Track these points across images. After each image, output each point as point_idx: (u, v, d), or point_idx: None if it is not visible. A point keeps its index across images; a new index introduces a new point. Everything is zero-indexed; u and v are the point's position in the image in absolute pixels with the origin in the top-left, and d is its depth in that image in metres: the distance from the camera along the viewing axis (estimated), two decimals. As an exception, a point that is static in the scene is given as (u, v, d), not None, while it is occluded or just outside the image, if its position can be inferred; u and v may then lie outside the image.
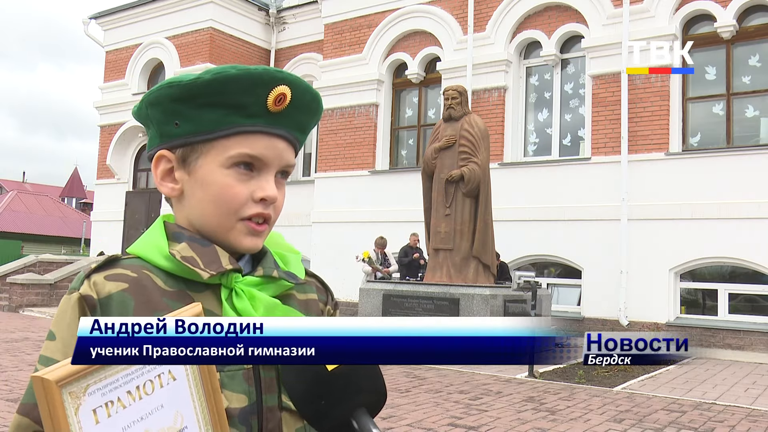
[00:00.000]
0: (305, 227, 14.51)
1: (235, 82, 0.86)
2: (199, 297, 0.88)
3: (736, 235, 9.89)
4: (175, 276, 0.89)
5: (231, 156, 0.88)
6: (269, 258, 0.96)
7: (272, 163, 0.91)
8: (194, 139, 0.89)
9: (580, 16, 11.66)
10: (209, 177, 0.89)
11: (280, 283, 0.94)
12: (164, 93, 0.89)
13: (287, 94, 0.88)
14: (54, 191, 44.59)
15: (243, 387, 0.86)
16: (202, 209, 0.91)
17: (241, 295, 0.89)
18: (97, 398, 0.66)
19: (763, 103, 10.56)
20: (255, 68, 0.87)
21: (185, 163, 0.91)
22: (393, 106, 14.08)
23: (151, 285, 0.87)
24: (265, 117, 0.88)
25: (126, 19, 17.39)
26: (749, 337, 9.71)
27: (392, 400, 5.89)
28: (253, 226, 0.90)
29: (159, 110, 0.90)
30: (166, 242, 0.91)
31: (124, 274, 0.87)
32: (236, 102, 0.87)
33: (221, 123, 0.88)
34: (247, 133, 0.88)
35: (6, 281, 14.64)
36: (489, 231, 9.57)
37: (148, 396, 0.71)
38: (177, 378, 0.73)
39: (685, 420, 5.52)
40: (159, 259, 0.89)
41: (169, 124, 0.90)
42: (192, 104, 0.87)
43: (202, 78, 0.86)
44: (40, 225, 34.55)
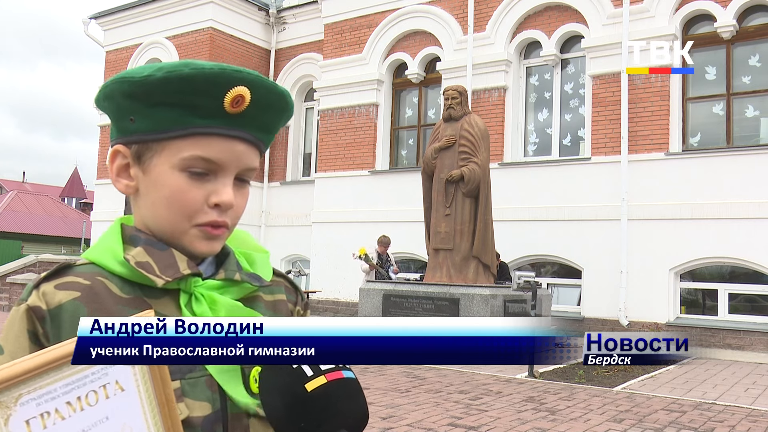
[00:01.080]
0: (305, 227, 14.52)
1: (187, 82, 0.81)
2: (156, 303, 0.85)
3: (736, 235, 9.89)
4: (131, 282, 0.85)
5: (184, 158, 0.84)
6: (232, 260, 0.92)
7: (229, 166, 0.86)
8: (149, 137, 0.85)
9: (580, 16, 11.66)
10: (162, 178, 0.85)
11: (244, 286, 0.90)
12: (117, 88, 0.84)
13: (245, 96, 0.83)
14: (54, 191, 44.60)
15: (206, 394, 0.83)
16: (155, 211, 0.87)
17: (201, 300, 0.86)
18: (30, 408, 0.63)
19: (763, 103, 10.56)
20: (210, 67, 0.81)
21: (140, 160, 0.87)
22: (393, 106, 14.08)
23: (105, 292, 0.83)
24: (222, 118, 0.83)
25: (126, 19, 17.39)
26: (749, 337, 9.71)
27: (392, 400, 5.89)
28: (208, 230, 0.86)
29: (113, 104, 0.86)
30: (121, 246, 0.87)
31: (76, 282, 0.83)
32: (190, 102, 0.82)
33: (176, 123, 0.83)
34: (202, 135, 0.83)
35: (6, 281, 14.64)
36: (489, 231, 9.58)
37: (90, 407, 0.67)
38: (125, 389, 0.69)
39: (685, 420, 5.52)
40: (114, 264, 0.85)
41: (124, 119, 0.86)
42: (145, 102, 0.83)
43: (154, 76, 0.81)
44: (40, 225, 34.56)
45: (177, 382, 0.81)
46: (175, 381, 0.80)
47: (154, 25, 16.76)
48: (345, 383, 0.76)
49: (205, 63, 0.82)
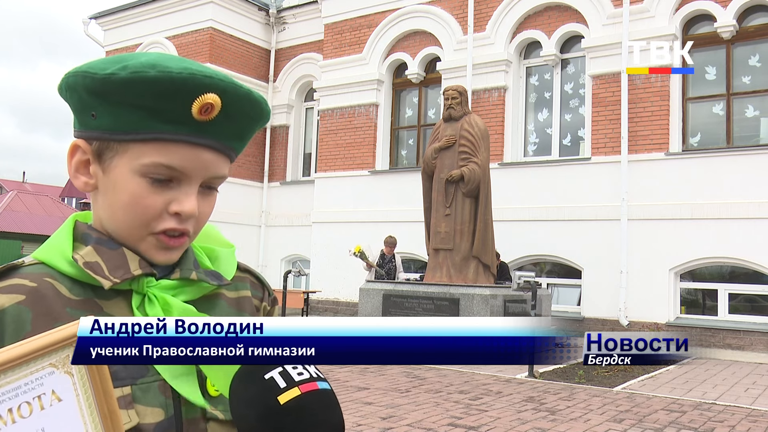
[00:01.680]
0: (305, 227, 14.52)
1: (153, 85, 0.75)
2: (108, 305, 0.81)
3: (736, 235, 9.89)
4: (82, 283, 0.81)
5: (145, 164, 0.79)
6: (189, 258, 0.87)
7: (194, 175, 0.81)
8: (110, 136, 0.80)
9: (580, 16, 11.66)
10: (121, 181, 0.80)
11: (201, 286, 0.87)
12: (79, 81, 0.79)
13: (215, 104, 0.77)
14: (54, 191, 44.60)
15: (159, 400, 0.80)
16: (112, 213, 0.83)
17: (154, 302, 0.82)
18: None
19: (763, 103, 10.56)
20: (179, 71, 0.75)
21: (101, 158, 0.82)
22: (393, 106, 14.08)
23: (52, 294, 0.79)
24: (188, 125, 0.78)
25: (126, 19, 17.39)
26: (749, 337, 9.71)
27: (392, 400, 5.89)
28: (165, 240, 0.82)
29: (76, 97, 0.81)
30: (71, 245, 0.83)
31: (20, 285, 0.79)
32: (155, 106, 0.76)
33: (139, 125, 0.78)
34: (166, 141, 0.78)
35: (6, 281, 14.62)
36: (489, 231, 9.58)
37: (23, 419, 0.63)
38: (63, 399, 0.65)
39: (685, 420, 5.51)
40: (62, 264, 0.81)
41: (85, 113, 0.81)
42: (107, 100, 0.78)
43: (117, 75, 0.76)
44: (40, 225, 34.55)
45: (128, 387, 0.78)
46: (126, 386, 0.78)
47: (154, 25, 16.76)
48: (320, 395, 0.73)
49: (174, 65, 0.76)
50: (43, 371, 0.64)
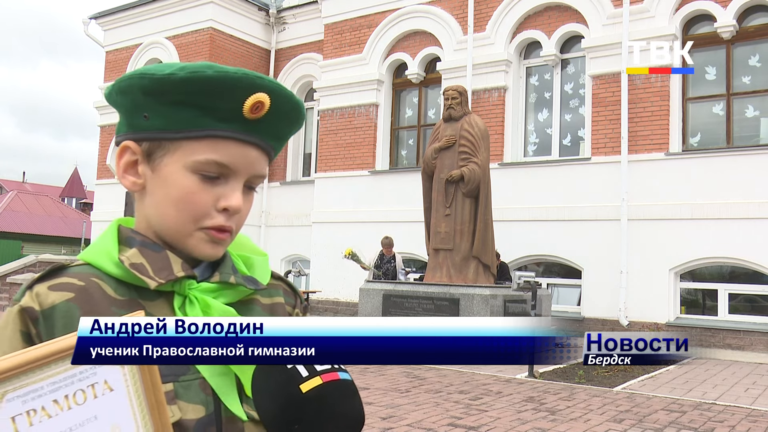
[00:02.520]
0: (305, 227, 14.52)
1: (210, 84, 0.81)
2: (151, 305, 0.84)
3: (736, 235, 9.89)
4: (126, 283, 0.85)
5: (198, 160, 0.83)
6: (227, 262, 0.91)
7: (241, 171, 0.86)
8: (162, 135, 0.84)
9: (580, 16, 11.66)
10: (172, 178, 0.84)
11: (239, 290, 0.90)
12: (135, 83, 0.83)
13: (265, 102, 0.83)
14: (54, 191, 44.60)
15: (200, 397, 0.82)
16: (161, 210, 0.86)
17: (194, 303, 0.85)
18: (16, 406, 0.63)
19: (763, 103, 10.56)
20: (234, 72, 0.81)
21: (150, 158, 0.86)
22: (393, 106, 14.08)
23: (99, 294, 0.83)
24: (239, 123, 0.83)
25: (126, 19, 17.39)
26: (749, 337, 9.71)
27: (392, 400, 5.89)
28: (213, 234, 0.86)
29: (128, 99, 0.85)
30: (117, 247, 0.87)
31: (69, 283, 0.82)
32: (210, 105, 0.82)
33: (192, 123, 0.83)
34: (218, 138, 0.83)
35: (6, 281, 14.63)
36: (489, 231, 9.58)
37: (78, 406, 0.66)
38: (114, 389, 0.69)
39: (685, 420, 5.51)
40: (108, 265, 0.85)
41: (137, 115, 0.85)
42: (162, 100, 0.82)
43: (176, 75, 0.81)
44: (40, 225, 34.56)
45: (170, 384, 0.80)
46: (168, 383, 0.80)
47: (154, 25, 16.76)
48: (341, 384, 0.75)
49: (229, 67, 0.82)
50: None
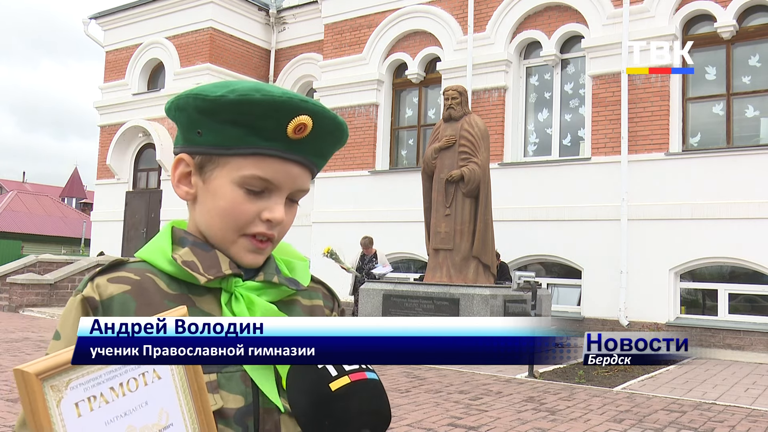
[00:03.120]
0: (305, 227, 14.52)
1: (257, 106, 0.87)
2: (200, 300, 0.91)
3: (736, 235, 9.89)
4: (178, 280, 0.91)
5: (244, 175, 0.90)
6: (271, 264, 0.98)
7: (284, 186, 0.93)
8: (213, 150, 0.91)
9: (580, 16, 11.66)
10: (221, 190, 0.91)
11: (281, 289, 0.96)
12: (190, 102, 0.90)
13: (308, 125, 0.89)
14: (54, 191, 44.58)
15: (240, 388, 0.88)
16: (209, 218, 0.93)
17: (240, 300, 0.91)
18: (79, 392, 0.69)
19: (763, 103, 10.56)
20: (279, 95, 0.87)
21: (202, 170, 0.93)
22: (393, 106, 14.08)
23: (153, 288, 0.90)
24: (283, 142, 0.90)
25: (126, 19, 17.39)
26: (749, 337, 9.71)
27: (392, 400, 5.87)
28: (255, 243, 0.93)
29: (184, 116, 0.92)
30: (170, 246, 0.94)
31: (127, 277, 0.90)
32: (256, 125, 0.88)
33: (240, 141, 0.89)
34: (263, 156, 0.90)
35: (6, 281, 14.64)
36: (489, 231, 9.57)
37: (131, 393, 0.72)
38: (162, 377, 0.75)
39: (685, 420, 5.51)
40: (162, 262, 0.92)
41: (192, 131, 0.92)
42: (214, 119, 0.89)
43: (227, 97, 0.87)
44: (40, 225, 34.55)
45: (213, 375, 0.86)
46: (212, 374, 0.86)
47: (154, 25, 16.76)
48: (368, 384, 0.80)
49: (275, 90, 0.88)
50: None
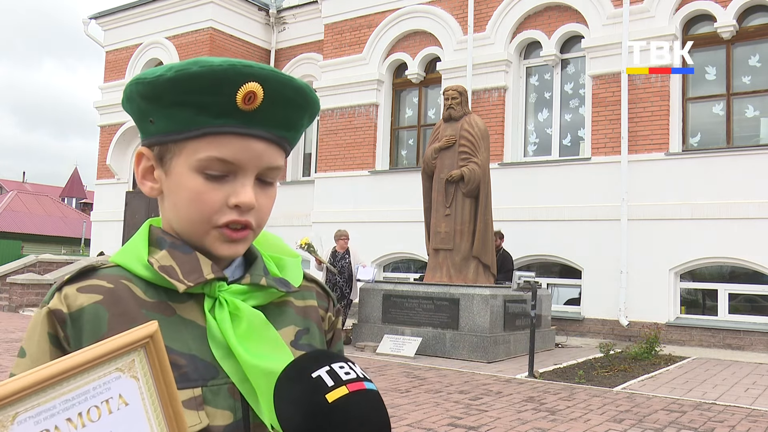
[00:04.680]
0: (305, 227, 14.51)
1: (197, 80, 0.79)
2: (181, 308, 0.84)
3: (736, 235, 9.89)
4: (156, 285, 0.84)
5: (200, 159, 0.82)
6: (259, 264, 0.90)
7: (248, 166, 0.83)
8: (168, 138, 0.84)
9: (580, 16, 11.66)
10: (181, 180, 0.84)
11: (270, 292, 0.89)
12: (134, 90, 0.83)
13: (257, 92, 0.80)
14: (54, 191, 44.59)
15: (228, 402, 0.81)
16: (176, 213, 0.86)
17: (224, 306, 0.84)
18: (28, 426, 0.60)
19: (763, 103, 10.56)
20: (219, 64, 0.79)
21: (162, 162, 0.86)
22: (393, 106, 14.08)
23: (128, 296, 0.82)
24: (236, 117, 0.81)
25: (126, 19, 17.38)
26: (749, 337, 9.71)
27: (392, 400, 5.88)
28: (228, 233, 0.84)
29: (134, 107, 0.85)
30: (147, 249, 0.86)
31: (98, 285, 0.82)
32: (202, 101, 0.80)
33: (190, 123, 0.82)
34: (217, 134, 0.82)
35: (6, 281, 14.63)
36: (489, 231, 9.57)
37: (93, 423, 0.64)
38: (130, 402, 0.67)
39: (685, 420, 5.51)
40: (138, 267, 0.84)
41: (145, 121, 0.85)
42: (160, 103, 0.82)
43: (164, 76, 0.80)
44: (40, 225, 34.55)
45: (199, 389, 0.80)
46: (197, 387, 0.80)
47: (154, 25, 16.76)
48: (367, 395, 0.73)
49: (215, 59, 0.80)
50: (110, 375, 0.66)
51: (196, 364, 0.81)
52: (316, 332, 0.94)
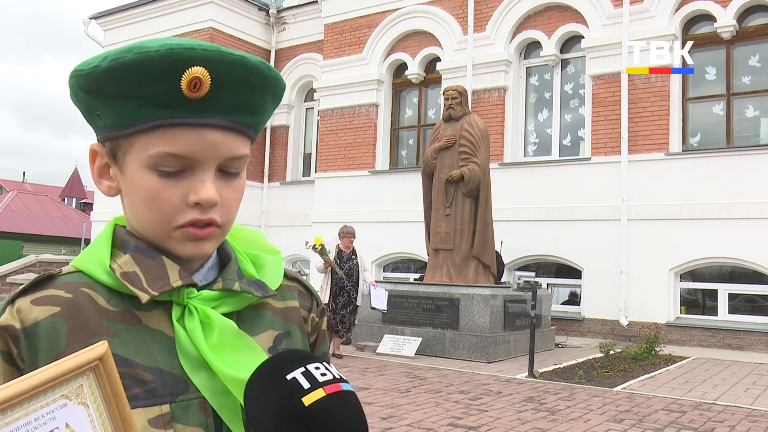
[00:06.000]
0: (305, 227, 14.51)
1: (134, 69, 0.71)
2: (147, 317, 0.77)
3: (736, 235, 9.89)
4: (121, 293, 0.77)
5: (151, 155, 0.74)
6: (232, 266, 0.83)
7: (205, 159, 0.75)
8: (116, 133, 0.76)
9: (580, 16, 11.66)
10: (135, 178, 0.76)
11: (245, 297, 0.82)
12: (74, 83, 0.75)
13: (203, 78, 0.71)
14: (54, 191, 44.59)
15: (199, 418, 0.75)
16: (135, 212, 0.78)
17: (193, 314, 0.77)
18: None
19: (763, 103, 10.56)
20: (156, 49, 0.70)
21: (116, 159, 0.78)
22: (393, 106, 14.08)
23: (89, 306, 0.75)
24: (185, 106, 0.72)
25: (126, 19, 17.38)
26: (749, 337, 9.71)
27: (392, 400, 5.89)
28: (192, 231, 0.76)
29: (79, 100, 0.77)
30: (109, 253, 0.79)
31: (55, 296, 0.75)
32: (145, 92, 0.72)
33: (136, 116, 0.73)
34: (166, 127, 0.73)
35: (6, 281, 14.62)
36: (489, 231, 9.58)
37: None
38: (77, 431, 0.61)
39: (685, 420, 5.51)
40: (100, 273, 0.77)
41: (92, 115, 0.77)
42: (102, 95, 0.74)
43: (100, 67, 0.72)
44: (40, 225, 34.55)
45: (167, 405, 0.74)
46: (165, 404, 0.74)
47: (154, 25, 16.75)
48: (345, 396, 0.69)
49: (153, 43, 0.72)
50: (54, 404, 0.60)
51: (163, 378, 0.75)
52: (297, 335, 0.88)
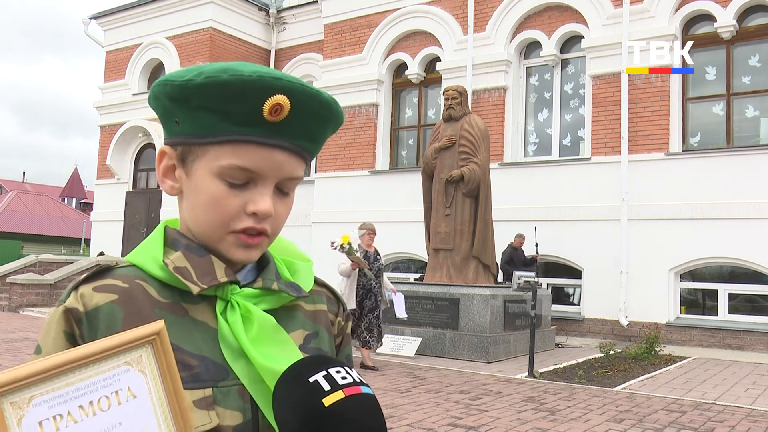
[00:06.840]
0: (305, 227, 14.52)
1: (225, 88, 0.79)
2: (193, 309, 0.85)
3: (736, 235, 9.89)
4: (170, 286, 0.85)
5: (222, 166, 0.82)
6: (271, 268, 0.91)
7: (268, 175, 0.84)
8: (191, 140, 0.84)
9: (580, 16, 11.66)
10: (201, 183, 0.84)
11: (281, 296, 0.90)
12: (161, 90, 0.84)
13: (285, 105, 0.80)
14: (54, 191, 44.59)
15: (238, 403, 0.82)
16: (194, 214, 0.86)
17: (235, 309, 0.85)
18: (43, 410, 0.63)
19: (763, 103, 10.56)
20: (249, 74, 0.79)
21: (184, 163, 0.86)
22: (393, 106, 14.09)
23: (143, 296, 0.83)
24: (261, 126, 0.81)
25: (126, 19, 17.39)
26: (749, 337, 9.71)
27: (392, 400, 5.89)
28: (244, 239, 0.85)
29: (160, 106, 0.86)
30: (162, 250, 0.87)
31: (114, 285, 0.83)
32: (229, 109, 0.80)
33: (215, 129, 0.82)
34: (240, 143, 0.82)
35: (6, 281, 14.63)
36: (489, 231, 9.57)
37: (103, 412, 0.67)
38: (137, 396, 0.69)
39: (685, 420, 5.51)
40: (154, 268, 0.86)
41: (170, 120, 0.86)
42: (186, 106, 0.82)
43: (194, 81, 0.80)
44: (40, 225, 34.55)
45: (209, 389, 0.81)
46: (207, 388, 0.81)
47: (154, 25, 16.77)
48: (363, 399, 0.75)
49: (246, 68, 0.80)
50: (119, 368, 0.69)
51: (207, 365, 0.82)
52: (325, 336, 0.95)
